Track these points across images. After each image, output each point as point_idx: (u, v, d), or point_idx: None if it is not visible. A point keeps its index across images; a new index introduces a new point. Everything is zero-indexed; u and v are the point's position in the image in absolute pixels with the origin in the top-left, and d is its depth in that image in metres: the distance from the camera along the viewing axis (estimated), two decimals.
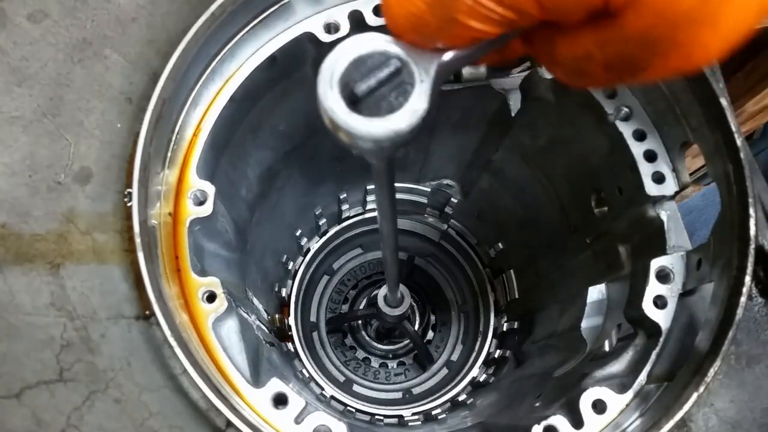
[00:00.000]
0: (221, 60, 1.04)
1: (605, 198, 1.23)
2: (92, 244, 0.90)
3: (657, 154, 1.05)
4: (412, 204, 1.86)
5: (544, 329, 1.54)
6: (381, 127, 0.55)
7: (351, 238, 1.97)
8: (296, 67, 1.14)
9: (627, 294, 1.12)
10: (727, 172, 0.93)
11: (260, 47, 1.07)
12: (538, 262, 1.63)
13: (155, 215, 0.94)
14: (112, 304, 0.88)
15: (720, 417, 0.91)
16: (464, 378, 1.83)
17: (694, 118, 0.99)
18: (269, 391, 0.89)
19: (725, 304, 0.90)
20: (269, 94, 1.16)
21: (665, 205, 1.06)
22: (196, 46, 0.96)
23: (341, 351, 2.01)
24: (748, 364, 0.93)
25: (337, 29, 1.06)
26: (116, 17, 1.00)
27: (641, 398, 0.94)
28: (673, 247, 1.04)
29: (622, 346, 1.05)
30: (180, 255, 0.95)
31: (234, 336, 0.97)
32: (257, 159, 1.29)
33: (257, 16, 1.05)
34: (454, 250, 1.98)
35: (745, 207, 0.89)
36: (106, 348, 0.87)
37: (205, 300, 0.93)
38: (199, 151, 1.01)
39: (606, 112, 1.08)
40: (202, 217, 0.98)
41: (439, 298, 2.09)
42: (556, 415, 0.92)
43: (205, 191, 0.99)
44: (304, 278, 1.86)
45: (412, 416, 1.75)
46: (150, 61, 1.00)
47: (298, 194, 1.58)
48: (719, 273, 0.93)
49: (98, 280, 0.89)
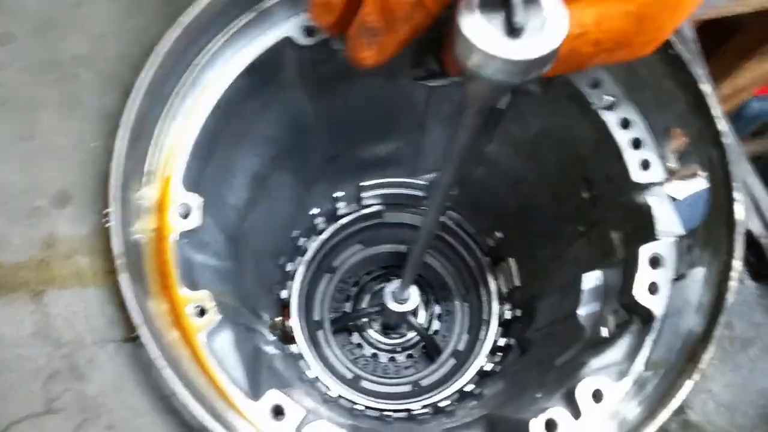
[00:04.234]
0: (199, 70, 1.03)
1: (595, 186, 1.23)
2: (74, 268, 0.89)
3: (642, 141, 1.05)
4: (408, 197, 1.85)
5: (545, 316, 1.54)
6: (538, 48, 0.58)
7: (349, 235, 1.96)
8: (278, 72, 1.13)
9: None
10: (711, 157, 0.93)
11: (239, 54, 1.06)
12: (537, 250, 1.63)
13: (139, 232, 0.94)
14: (98, 328, 0.88)
15: (717, 401, 0.91)
16: (471, 367, 1.82)
17: (678, 104, 0.99)
18: (267, 403, 0.89)
19: (716, 290, 0.90)
20: (252, 101, 1.15)
21: (653, 191, 1.05)
22: (170, 58, 0.95)
23: (348, 349, 2.01)
24: (742, 347, 0.93)
25: (316, 32, 1.05)
26: (86, 34, 0.99)
27: (639, 386, 0.94)
28: (664, 232, 1.03)
29: (618, 333, 1.04)
30: (167, 271, 0.94)
31: (229, 349, 0.97)
32: (244, 166, 1.28)
33: (234, 23, 1.04)
34: (454, 241, 1.97)
35: (730, 192, 0.89)
36: (95, 374, 0.86)
37: (196, 315, 0.93)
38: (181, 163, 1.00)
39: (591, 102, 1.07)
40: (188, 230, 0.97)
41: (443, 289, 2.08)
42: (556, 407, 0.92)
43: (190, 203, 0.98)
44: (304, 278, 1.86)
45: (422, 409, 1.75)
46: (124, 76, 0.99)
47: (291, 197, 1.58)
48: (709, 258, 0.93)
49: (82, 305, 0.88)
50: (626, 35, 0.64)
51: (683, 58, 0.93)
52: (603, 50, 0.65)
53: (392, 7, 0.64)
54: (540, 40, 0.58)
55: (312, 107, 1.28)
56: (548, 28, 0.58)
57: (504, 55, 0.58)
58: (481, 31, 0.58)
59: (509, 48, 0.57)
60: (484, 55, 0.58)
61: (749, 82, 2.34)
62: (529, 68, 0.59)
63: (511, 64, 0.58)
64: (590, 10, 0.62)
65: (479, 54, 0.59)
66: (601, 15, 0.62)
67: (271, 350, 1.41)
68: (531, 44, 0.58)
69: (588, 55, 0.66)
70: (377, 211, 1.90)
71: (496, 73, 0.60)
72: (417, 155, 1.65)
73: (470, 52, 0.59)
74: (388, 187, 1.83)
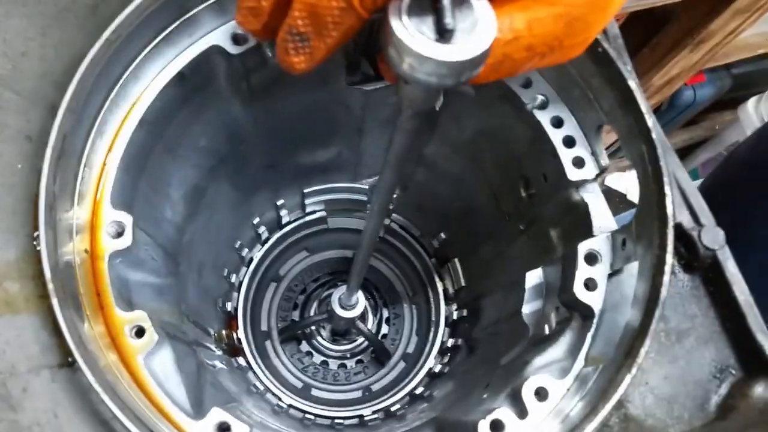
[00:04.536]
0: (124, 83, 1.00)
1: (532, 184, 1.25)
2: (4, 294, 0.86)
3: (575, 139, 1.06)
4: (352, 202, 1.84)
5: (490, 315, 1.56)
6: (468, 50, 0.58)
7: (294, 242, 1.95)
8: (208, 81, 1.11)
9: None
10: (641, 152, 0.95)
11: (167, 65, 1.03)
12: (480, 250, 1.64)
13: (71, 253, 0.91)
14: (32, 355, 0.85)
15: (655, 395, 0.93)
16: (421, 369, 1.83)
17: (606, 101, 1.01)
18: (210, 422, 0.88)
19: (650, 283, 0.91)
20: (183, 112, 1.13)
21: (588, 188, 1.07)
22: (93, 73, 0.92)
23: (297, 358, 1.99)
24: (678, 339, 0.95)
25: (245, 40, 1.03)
26: (3, 53, 0.95)
27: (580, 382, 0.95)
28: (599, 228, 1.05)
29: (559, 330, 1.06)
30: (102, 292, 0.92)
31: (170, 368, 0.95)
32: (180, 178, 1.26)
33: (159, 33, 1.01)
34: (399, 243, 1.98)
35: (661, 186, 0.90)
36: (29, 402, 0.83)
37: (134, 335, 0.91)
38: (110, 181, 0.97)
39: (523, 102, 1.09)
40: (121, 249, 0.95)
41: (390, 292, 2.08)
42: (501, 408, 0.93)
43: (122, 221, 0.95)
44: (249, 289, 1.84)
45: (372, 414, 1.75)
46: (46, 94, 0.95)
47: (232, 207, 1.56)
48: (643, 252, 0.95)
49: (14, 332, 0.85)
50: (557, 38, 0.65)
51: (610, 55, 0.95)
52: (536, 54, 0.66)
53: (320, 11, 0.63)
54: (471, 41, 0.58)
55: (247, 115, 1.26)
56: (479, 29, 0.58)
57: (436, 56, 0.58)
58: (412, 34, 0.58)
59: (441, 50, 0.58)
60: (417, 57, 0.58)
61: (681, 71, 2.40)
62: (462, 69, 0.59)
63: (444, 65, 0.58)
64: (521, 14, 0.63)
65: (411, 56, 0.59)
66: (532, 19, 0.62)
67: (217, 364, 1.39)
68: (462, 46, 0.58)
69: (521, 61, 0.66)
70: (321, 217, 1.89)
71: (429, 75, 0.60)
72: (358, 159, 1.65)
73: (402, 55, 0.59)
74: (331, 193, 1.82)
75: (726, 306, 0.99)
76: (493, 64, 0.65)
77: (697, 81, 2.89)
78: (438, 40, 0.58)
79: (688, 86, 2.88)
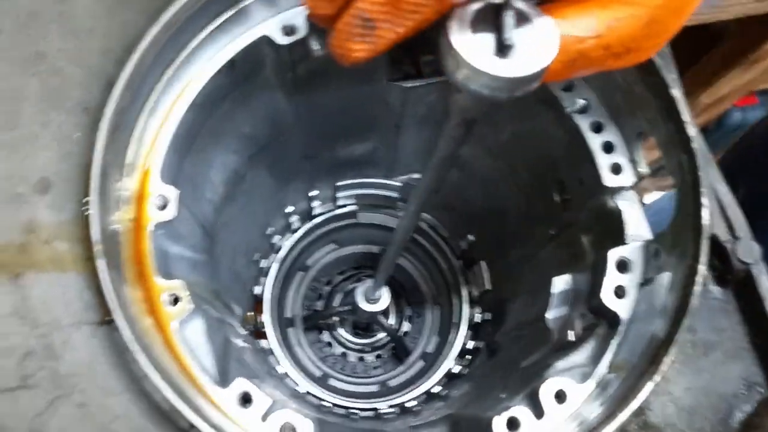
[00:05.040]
0: (179, 66, 1.04)
1: (567, 189, 1.25)
2: (53, 253, 0.90)
3: (614, 145, 1.07)
4: (383, 199, 1.86)
5: (514, 320, 1.56)
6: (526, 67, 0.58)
7: (324, 234, 1.97)
8: (256, 71, 1.14)
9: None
10: (680, 162, 0.95)
11: (218, 52, 1.07)
12: (508, 254, 1.65)
13: (117, 222, 0.95)
14: (75, 311, 0.89)
15: (677, 404, 0.93)
16: (439, 370, 1.83)
17: (649, 109, 1.01)
18: (235, 391, 0.90)
19: (681, 293, 0.92)
20: (230, 99, 1.16)
21: (624, 195, 1.07)
22: (151, 53, 0.96)
23: (318, 347, 2.02)
24: (705, 351, 0.95)
25: (294, 31, 1.06)
26: (71, 30, 1.00)
27: (602, 388, 0.96)
28: (633, 236, 1.05)
29: (584, 337, 1.06)
30: (143, 260, 0.95)
31: (200, 337, 0.98)
32: (221, 162, 1.29)
33: (213, 22, 1.05)
34: (427, 243, 1.99)
35: (698, 197, 0.91)
36: (69, 354, 0.87)
37: (170, 303, 0.94)
38: (160, 156, 1.01)
39: (563, 106, 1.09)
40: (164, 221, 0.98)
41: (414, 291, 2.10)
42: (518, 406, 0.93)
43: (167, 195, 0.99)
44: (277, 275, 1.86)
45: (388, 409, 1.76)
46: (107, 70, 1.00)
47: (267, 194, 1.59)
48: (675, 262, 0.95)
49: (60, 289, 0.89)
50: (635, 39, 0.64)
51: (656, 63, 0.95)
52: (611, 55, 0.65)
53: None
54: (529, 59, 0.58)
55: (290, 106, 1.29)
56: (539, 48, 0.59)
57: (492, 71, 0.58)
58: (471, 46, 0.59)
59: (498, 65, 0.58)
60: (473, 70, 0.59)
61: (731, 91, 2.33)
62: (517, 85, 0.60)
63: (499, 80, 0.59)
64: (602, 13, 0.62)
65: (468, 68, 0.59)
66: (614, 19, 0.62)
67: (241, 343, 1.41)
68: (520, 62, 0.58)
69: (597, 59, 0.66)
70: (352, 211, 1.91)
71: (483, 87, 0.60)
72: (393, 156, 1.67)
73: (459, 65, 0.60)
74: (363, 188, 1.84)
75: (756, 322, 0.98)
76: (568, 61, 0.64)
77: (748, 103, 2.80)
78: (496, 54, 0.59)
79: (738, 107, 2.79)
